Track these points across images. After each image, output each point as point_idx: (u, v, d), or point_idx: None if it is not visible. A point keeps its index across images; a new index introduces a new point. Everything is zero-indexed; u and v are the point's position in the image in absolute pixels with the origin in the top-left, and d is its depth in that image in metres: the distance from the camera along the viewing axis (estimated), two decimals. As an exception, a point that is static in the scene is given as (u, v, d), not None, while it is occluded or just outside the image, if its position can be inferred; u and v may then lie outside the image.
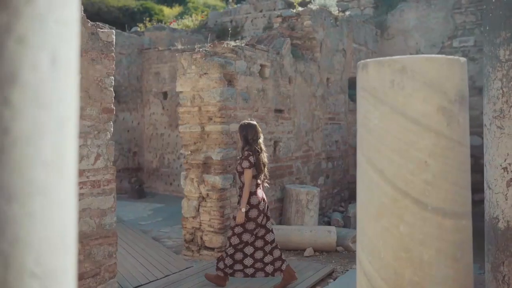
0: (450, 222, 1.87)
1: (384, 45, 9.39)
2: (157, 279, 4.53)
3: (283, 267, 4.24)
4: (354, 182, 7.56)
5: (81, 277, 3.66)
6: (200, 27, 14.03)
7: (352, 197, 8.26)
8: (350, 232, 5.76)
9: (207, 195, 5.32)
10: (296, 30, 7.19)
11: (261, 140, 4.28)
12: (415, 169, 1.86)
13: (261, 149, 4.24)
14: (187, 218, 5.50)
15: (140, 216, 8.01)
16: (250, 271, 4.25)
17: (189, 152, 5.45)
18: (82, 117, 3.66)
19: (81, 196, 3.66)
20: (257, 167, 4.17)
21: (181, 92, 5.50)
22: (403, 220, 1.88)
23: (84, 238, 3.68)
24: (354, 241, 5.63)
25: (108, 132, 3.89)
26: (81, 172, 3.65)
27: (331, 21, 7.66)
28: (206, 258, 5.31)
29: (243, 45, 5.80)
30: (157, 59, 10.92)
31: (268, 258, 4.25)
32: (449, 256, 1.87)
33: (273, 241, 4.29)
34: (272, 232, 4.33)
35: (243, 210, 4.11)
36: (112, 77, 3.91)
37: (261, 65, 5.93)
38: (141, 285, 4.38)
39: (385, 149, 1.91)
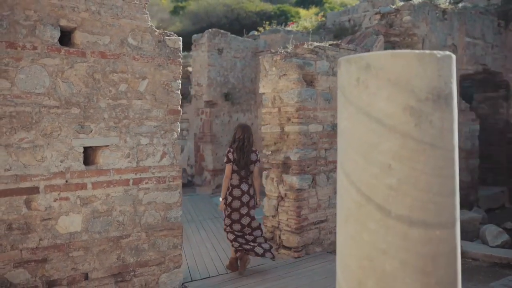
0: (418, 232, 1.71)
1: (508, 38, 8.40)
2: (226, 273, 4.73)
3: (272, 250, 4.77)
4: (464, 188, 7.01)
5: (145, 264, 4.01)
6: (318, 28, 14.02)
7: (461, 205, 7.56)
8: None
9: (285, 195, 5.38)
10: (394, 27, 6.84)
11: (250, 141, 4.86)
12: (378, 173, 1.74)
13: (244, 147, 4.79)
14: (267, 216, 5.62)
15: (242, 213, 8.32)
16: (247, 247, 4.75)
17: (270, 152, 5.56)
18: (148, 118, 4.00)
19: (146, 190, 4.00)
20: (237, 163, 4.75)
21: (263, 93, 5.64)
22: (367, 227, 1.77)
23: (149, 229, 4.02)
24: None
25: (174, 132, 4.18)
26: (146, 169, 4.00)
27: (437, 14, 7.12)
28: (284, 257, 5.36)
29: (327, 45, 5.72)
30: (269, 62, 11.19)
31: (254, 242, 4.77)
32: (416, 269, 1.71)
33: (258, 226, 4.83)
34: (255, 219, 4.86)
35: (220, 199, 4.84)
36: (179, 81, 4.19)
37: (347, 65, 5.77)
38: (210, 277, 4.62)
39: (351, 151, 1.82)
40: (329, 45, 5.73)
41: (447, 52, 1.78)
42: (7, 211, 3.30)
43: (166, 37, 4.12)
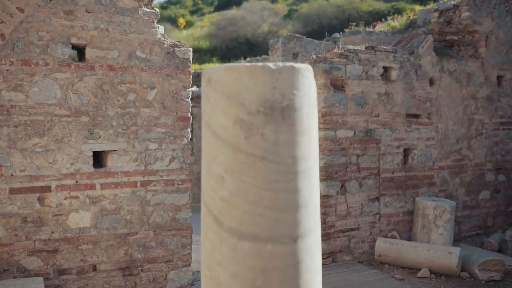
0: (247, 245, 1.72)
1: None
2: (242, 275, 4.84)
3: None
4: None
5: (153, 261, 4.30)
6: (407, 27, 13.34)
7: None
8: (481, 257, 4.86)
9: (313, 201, 5.33)
10: (453, 24, 6.35)
11: None
12: (215, 185, 1.78)
13: None
14: (299, 222, 5.60)
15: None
16: None
17: (301, 158, 5.54)
18: (157, 125, 4.29)
19: (154, 192, 4.30)
20: None
21: (296, 98, 5.64)
22: (208, 238, 1.82)
23: (156, 228, 4.31)
24: (482, 269, 4.76)
25: (184, 138, 4.42)
26: (154, 172, 4.29)
27: (507, 8, 6.45)
28: (312, 264, 5.32)
29: (362, 48, 5.54)
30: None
31: None
32: (246, 282, 1.73)
33: None
34: None
35: None
36: (189, 90, 4.42)
37: (385, 68, 5.54)
38: (223, 278, 4.77)
39: (203, 163, 1.88)
40: (365, 48, 5.54)
41: (288, 64, 1.76)
42: (22, 206, 3.81)
43: (176, 48, 4.37)
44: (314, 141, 1.81)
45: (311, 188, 1.81)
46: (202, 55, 30.18)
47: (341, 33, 10.34)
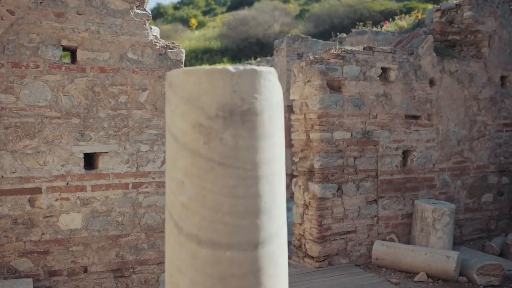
0: (206, 251, 1.69)
1: None
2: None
3: None
4: None
5: (144, 262, 4.30)
6: (414, 27, 13.18)
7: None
8: (480, 261, 4.77)
9: (309, 203, 5.29)
10: (454, 24, 6.25)
11: None
12: (175, 190, 1.76)
13: None
14: (295, 224, 5.57)
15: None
16: None
17: (298, 159, 5.51)
18: (149, 127, 4.29)
19: (146, 194, 4.30)
20: None
21: (293, 100, 5.61)
22: (169, 243, 1.80)
23: (148, 230, 4.31)
24: (480, 273, 4.67)
25: (177, 140, 4.39)
26: (146, 174, 4.29)
27: (510, 7, 6.33)
28: (308, 266, 5.28)
29: (360, 49, 5.48)
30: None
31: None
32: (205, 288, 1.69)
33: None
34: None
35: None
36: (182, 91, 4.39)
37: (383, 68, 5.46)
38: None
39: (166, 167, 1.86)
40: (363, 48, 5.48)
41: (249, 67, 1.73)
42: (13, 208, 3.83)
43: (168, 50, 4.36)
44: (278, 146, 1.77)
45: (274, 193, 1.77)
46: (213, 55, 30.22)
47: (341, 33, 10.23)
